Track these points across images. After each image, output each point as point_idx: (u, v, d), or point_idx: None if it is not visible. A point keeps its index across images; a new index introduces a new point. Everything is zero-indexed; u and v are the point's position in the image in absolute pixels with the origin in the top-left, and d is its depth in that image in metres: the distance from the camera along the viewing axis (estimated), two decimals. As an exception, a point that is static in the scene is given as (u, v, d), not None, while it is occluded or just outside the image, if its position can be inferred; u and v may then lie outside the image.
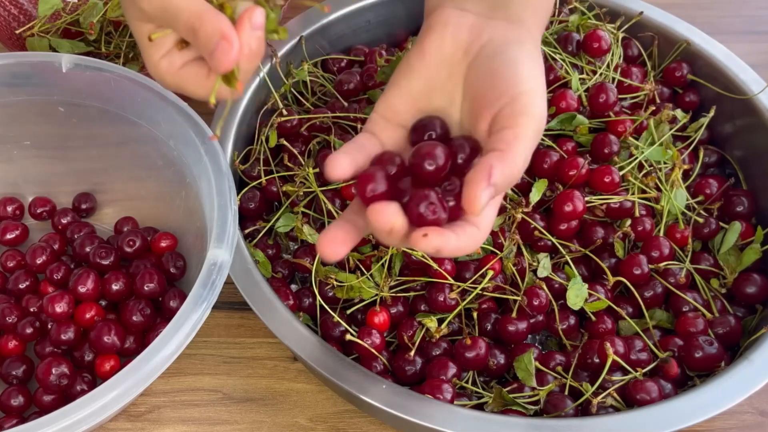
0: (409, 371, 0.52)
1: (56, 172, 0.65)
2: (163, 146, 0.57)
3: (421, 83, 0.44)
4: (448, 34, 0.44)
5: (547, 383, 0.52)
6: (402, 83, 0.44)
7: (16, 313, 0.56)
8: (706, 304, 0.56)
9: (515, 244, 0.55)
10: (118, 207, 0.65)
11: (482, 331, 0.55)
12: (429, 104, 0.44)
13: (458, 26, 0.44)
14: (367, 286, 0.54)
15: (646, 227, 0.58)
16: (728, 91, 0.65)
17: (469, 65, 0.43)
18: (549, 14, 0.49)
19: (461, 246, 0.38)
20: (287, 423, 0.55)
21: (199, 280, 0.48)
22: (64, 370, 0.51)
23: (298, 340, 0.49)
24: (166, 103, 0.56)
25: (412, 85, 0.44)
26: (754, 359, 0.50)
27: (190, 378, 0.57)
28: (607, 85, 0.62)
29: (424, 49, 0.44)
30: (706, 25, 0.70)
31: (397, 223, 0.37)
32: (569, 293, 0.54)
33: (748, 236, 0.59)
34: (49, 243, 0.61)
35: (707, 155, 0.65)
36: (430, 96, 0.44)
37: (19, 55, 0.57)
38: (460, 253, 0.38)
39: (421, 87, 0.44)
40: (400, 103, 0.44)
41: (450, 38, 0.44)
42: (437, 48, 0.44)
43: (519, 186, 0.60)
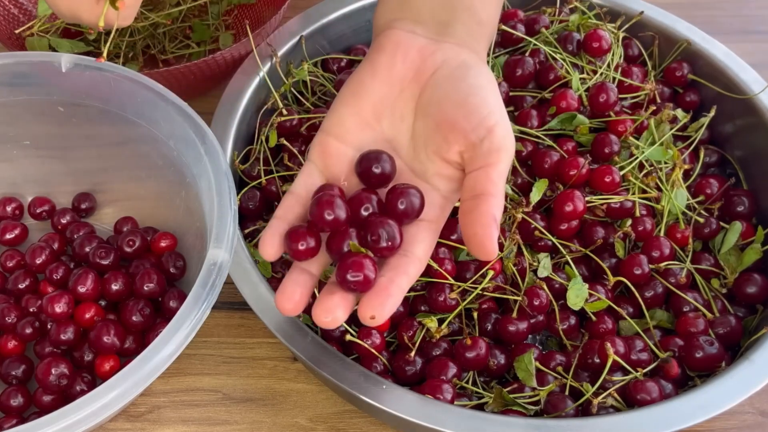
0: (409, 371, 0.52)
1: (56, 172, 0.65)
2: (163, 146, 0.57)
3: (371, 101, 0.44)
4: (399, 53, 0.44)
5: (547, 383, 0.52)
6: (352, 101, 0.45)
7: (16, 313, 0.56)
8: (707, 304, 0.56)
9: (515, 244, 0.55)
10: (117, 207, 0.65)
11: (482, 331, 0.55)
12: (378, 122, 0.44)
13: (409, 47, 0.44)
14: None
15: (646, 227, 0.58)
16: (729, 90, 0.65)
17: (424, 85, 0.44)
18: (491, 41, 0.50)
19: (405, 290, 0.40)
20: (287, 423, 0.55)
21: (199, 280, 0.48)
22: (64, 370, 0.51)
23: (298, 340, 0.49)
24: (166, 103, 0.56)
25: (362, 104, 0.44)
26: (754, 359, 0.50)
27: (190, 378, 0.57)
28: (608, 85, 0.62)
29: (375, 68, 0.45)
30: (707, 24, 0.70)
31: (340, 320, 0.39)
32: (569, 293, 0.54)
33: (748, 236, 0.59)
34: (49, 243, 0.61)
35: (708, 155, 0.65)
36: (379, 114, 0.44)
37: (19, 55, 0.57)
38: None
39: (372, 105, 0.44)
40: (350, 121, 0.44)
41: (401, 58, 0.44)
42: (388, 67, 0.44)
43: (519, 186, 0.60)
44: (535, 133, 0.61)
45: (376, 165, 0.42)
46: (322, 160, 0.44)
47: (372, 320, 0.38)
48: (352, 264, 0.38)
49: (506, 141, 0.41)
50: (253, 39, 0.65)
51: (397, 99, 0.44)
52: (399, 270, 0.40)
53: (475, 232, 0.38)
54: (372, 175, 0.42)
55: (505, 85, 0.64)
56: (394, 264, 0.40)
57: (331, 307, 0.39)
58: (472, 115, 0.41)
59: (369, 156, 0.42)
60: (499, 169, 0.40)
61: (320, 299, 0.39)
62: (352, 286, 0.38)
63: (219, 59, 0.66)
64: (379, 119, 0.44)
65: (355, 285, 0.38)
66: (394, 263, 0.40)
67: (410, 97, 0.44)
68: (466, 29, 0.46)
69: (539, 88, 0.66)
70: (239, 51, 0.67)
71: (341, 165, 0.44)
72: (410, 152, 0.44)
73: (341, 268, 0.39)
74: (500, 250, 0.55)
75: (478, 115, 0.41)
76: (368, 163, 0.42)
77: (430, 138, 0.43)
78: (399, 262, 0.40)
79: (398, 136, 0.44)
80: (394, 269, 0.40)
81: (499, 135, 0.40)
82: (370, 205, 0.41)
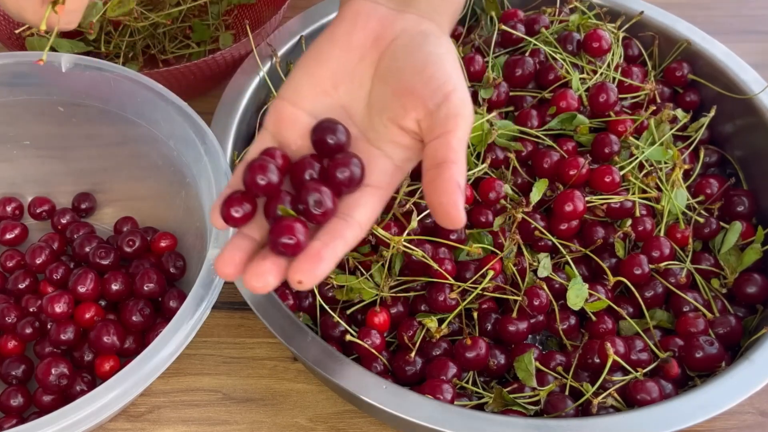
0: (409, 371, 0.52)
1: (56, 172, 0.65)
2: (163, 146, 0.57)
3: (329, 67, 0.44)
4: (359, 22, 0.45)
5: (547, 383, 0.52)
6: (309, 68, 0.45)
7: (16, 313, 0.56)
8: (707, 304, 0.56)
9: (515, 244, 0.55)
10: (117, 207, 0.65)
11: (482, 331, 0.55)
12: (335, 89, 0.44)
13: (369, 16, 0.45)
14: (367, 287, 0.54)
15: (646, 227, 0.58)
16: (729, 90, 0.65)
17: (383, 53, 0.44)
18: (456, 17, 0.50)
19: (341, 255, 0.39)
20: (287, 423, 0.55)
21: (199, 280, 0.48)
22: (64, 371, 0.51)
23: (298, 340, 0.49)
24: (166, 103, 0.56)
25: (319, 70, 0.44)
26: (754, 359, 0.50)
27: (190, 378, 0.57)
28: (608, 85, 0.62)
29: (334, 35, 0.45)
30: (707, 24, 0.70)
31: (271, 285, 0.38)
32: (569, 293, 0.54)
33: (748, 236, 0.59)
34: (49, 243, 0.61)
35: (708, 155, 0.65)
36: (337, 81, 0.44)
37: (19, 55, 0.57)
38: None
39: (330, 71, 0.44)
40: (306, 87, 0.44)
41: (361, 26, 0.44)
42: (347, 35, 0.44)
43: (519, 186, 0.60)
44: (535, 133, 0.61)
45: (331, 135, 0.42)
46: (276, 126, 0.44)
47: (299, 284, 0.37)
48: (282, 228, 0.38)
49: (464, 107, 0.41)
50: (253, 39, 0.65)
51: (355, 66, 0.44)
52: (335, 234, 0.39)
53: (440, 201, 0.38)
54: (326, 145, 0.42)
55: (505, 85, 0.64)
56: (330, 228, 0.40)
57: (262, 272, 0.38)
58: (429, 82, 0.41)
59: (323, 126, 0.42)
60: (457, 136, 0.40)
61: (251, 264, 0.39)
62: (281, 249, 0.38)
63: (219, 59, 0.66)
64: (336, 86, 0.44)
65: (284, 248, 0.38)
66: (331, 227, 0.40)
67: (369, 65, 0.44)
68: (429, 2, 0.46)
69: (539, 88, 0.66)
70: (239, 51, 0.67)
71: (294, 130, 0.44)
72: (365, 119, 0.44)
73: (272, 232, 0.38)
74: (500, 250, 0.56)
75: (435, 82, 0.41)
76: (322, 133, 0.42)
77: (387, 105, 0.43)
78: (336, 226, 0.40)
79: (354, 103, 0.44)
80: (330, 233, 0.39)
81: (456, 101, 0.40)
82: (312, 170, 0.41)
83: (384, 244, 0.53)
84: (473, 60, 0.65)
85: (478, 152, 0.60)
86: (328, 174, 0.41)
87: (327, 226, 0.40)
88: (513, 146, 0.61)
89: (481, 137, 0.59)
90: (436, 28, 0.45)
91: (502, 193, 0.57)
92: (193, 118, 0.55)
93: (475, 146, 0.60)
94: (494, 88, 0.63)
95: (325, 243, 0.39)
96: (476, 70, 0.65)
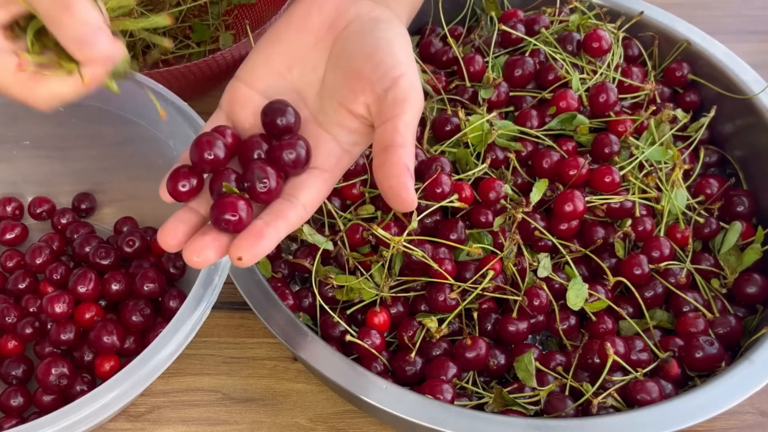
0: (409, 371, 0.52)
1: (56, 172, 0.65)
2: (163, 146, 0.57)
3: (285, 51, 0.45)
4: (315, 6, 0.45)
5: (547, 383, 0.52)
6: (266, 50, 0.45)
7: (16, 313, 0.56)
8: (707, 304, 0.56)
9: (515, 244, 0.55)
10: (117, 207, 0.65)
11: (482, 331, 0.55)
12: (289, 72, 0.45)
13: (325, 1, 0.45)
14: (367, 287, 0.54)
15: (646, 227, 0.58)
16: (729, 91, 0.65)
17: (336, 38, 0.44)
18: (416, 8, 0.50)
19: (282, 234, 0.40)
20: (287, 423, 0.55)
21: (199, 280, 0.48)
22: (64, 371, 0.51)
23: (298, 340, 0.49)
24: (166, 103, 0.56)
25: (275, 53, 0.45)
26: (754, 359, 0.50)
27: (190, 378, 0.57)
28: (608, 85, 0.62)
29: (291, 19, 0.45)
30: (707, 25, 0.70)
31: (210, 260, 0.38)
32: (569, 293, 0.54)
33: (748, 236, 0.59)
34: (49, 243, 0.61)
35: (708, 155, 0.65)
36: (292, 64, 0.45)
37: (18, 55, 0.57)
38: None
39: (285, 54, 0.45)
40: (261, 69, 0.45)
41: (316, 11, 0.45)
42: (303, 19, 0.45)
43: (519, 186, 0.60)
44: (535, 133, 0.61)
45: (280, 117, 0.42)
46: (230, 105, 0.45)
47: (239, 261, 0.38)
48: (225, 205, 0.38)
49: (412, 92, 0.41)
50: (253, 39, 0.65)
51: (310, 50, 0.45)
52: (278, 214, 0.40)
53: (390, 185, 0.39)
54: (275, 127, 0.42)
55: (505, 85, 0.64)
56: (274, 208, 0.40)
57: (202, 246, 0.38)
58: (378, 67, 0.41)
59: (273, 107, 0.43)
60: (404, 120, 0.40)
61: (192, 240, 0.39)
62: (223, 225, 0.38)
63: (219, 59, 0.66)
64: (290, 68, 0.45)
65: (227, 224, 0.38)
66: (274, 208, 0.40)
67: (323, 49, 0.45)
68: None
69: (539, 88, 0.66)
70: (239, 51, 0.67)
71: (247, 110, 0.44)
72: (317, 103, 0.44)
73: (215, 208, 0.39)
74: (500, 250, 0.56)
75: (384, 67, 0.41)
76: (273, 114, 0.42)
77: (338, 89, 0.43)
78: (281, 207, 0.40)
79: (307, 87, 0.45)
80: (274, 213, 0.40)
81: (404, 86, 0.41)
82: (260, 150, 0.41)
83: (384, 244, 0.53)
84: (473, 60, 0.65)
85: (478, 152, 0.60)
86: (275, 155, 0.41)
87: (271, 206, 0.40)
88: (513, 146, 0.61)
89: (481, 137, 0.59)
90: (390, 14, 0.45)
91: (502, 193, 0.57)
92: (193, 118, 0.55)
93: (475, 146, 0.60)
94: (494, 88, 0.63)
95: (268, 222, 0.39)
96: (476, 70, 0.65)
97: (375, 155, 0.40)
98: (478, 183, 0.58)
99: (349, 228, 0.56)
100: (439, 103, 0.64)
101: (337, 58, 0.44)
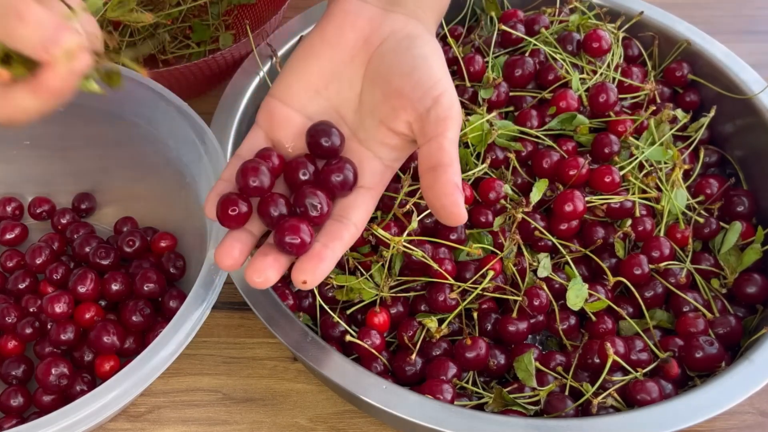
0: (409, 371, 0.52)
1: (56, 172, 0.65)
2: (163, 146, 0.57)
3: (320, 67, 0.45)
4: (348, 22, 0.45)
5: (547, 383, 0.52)
6: (301, 66, 0.45)
7: (16, 313, 0.56)
8: (707, 304, 0.56)
9: (515, 244, 0.55)
10: (117, 207, 0.65)
11: (482, 331, 0.55)
12: (326, 88, 0.45)
13: (358, 16, 0.45)
14: (367, 287, 0.54)
15: (646, 227, 0.58)
16: (729, 91, 0.65)
17: (372, 55, 0.44)
18: (442, 13, 0.51)
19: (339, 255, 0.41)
20: (287, 423, 0.55)
21: (199, 280, 0.48)
22: (64, 371, 0.51)
23: (298, 340, 0.49)
24: (166, 103, 0.56)
25: (310, 69, 0.45)
26: (754, 359, 0.50)
27: (189, 378, 0.57)
28: (608, 85, 0.62)
29: (325, 35, 0.45)
30: (706, 25, 0.70)
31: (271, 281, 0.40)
32: (569, 293, 0.54)
33: (748, 236, 0.59)
34: (49, 243, 0.61)
35: (708, 155, 0.65)
36: (328, 81, 0.45)
37: (18, 55, 0.57)
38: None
39: (321, 71, 0.45)
40: (297, 86, 0.45)
41: (350, 26, 0.45)
42: (338, 35, 0.45)
43: (519, 186, 0.60)
44: (535, 133, 0.61)
45: (326, 138, 0.43)
46: (268, 123, 0.45)
47: (304, 284, 0.39)
48: (289, 228, 0.39)
49: (453, 109, 0.42)
50: (253, 39, 0.65)
51: (346, 66, 0.45)
52: (334, 236, 0.41)
53: (442, 204, 0.40)
54: (321, 148, 0.43)
55: (505, 85, 0.64)
56: (329, 230, 0.42)
57: (263, 267, 0.40)
58: (418, 86, 0.42)
59: (318, 129, 0.43)
60: (449, 138, 0.41)
61: (253, 260, 0.40)
62: (287, 248, 0.39)
63: (219, 59, 0.66)
64: (326, 85, 0.45)
65: (290, 248, 0.39)
66: (328, 229, 0.42)
67: (359, 66, 0.45)
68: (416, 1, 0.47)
69: (539, 88, 0.66)
70: (239, 51, 0.67)
71: (287, 129, 0.45)
72: (356, 120, 0.45)
73: (279, 231, 0.40)
74: (500, 250, 0.55)
75: (424, 86, 0.42)
76: (317, 135, 0.43)
77: (378, 107, 0.44)
78: (334, 228, 0.42)
79: (345, 104, 0.45)
80: (329, 234, 0.41)
81: (446, 104, 0.42)
82: (306, 170, 0.43)
83: (384, 244, 0.53)
84: (473, 60, 0.65)
85: (478, 152, 0.60)
86: (324, 178, 0.42)
87: (325, 228, 0.42)
88: (513, 146, 0.61)
89: (481, 137, 0.59)
90: (423, 29, 0.45)
91: (502, 193, 0.57)
92: (193, 118, 0.55)
93: (475, 146, 0.60)
94: (494, 88, 0.63)
95: (325, 244, 0.40)
96: (476, 70, 0.65)
97: (422, 175, 0.41)
98: (478, 183, 0.58)
99: (349, 228, 0.56)
100: (439, 103, 0.64)
101: (374, 75, 0.44)
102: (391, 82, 0.43)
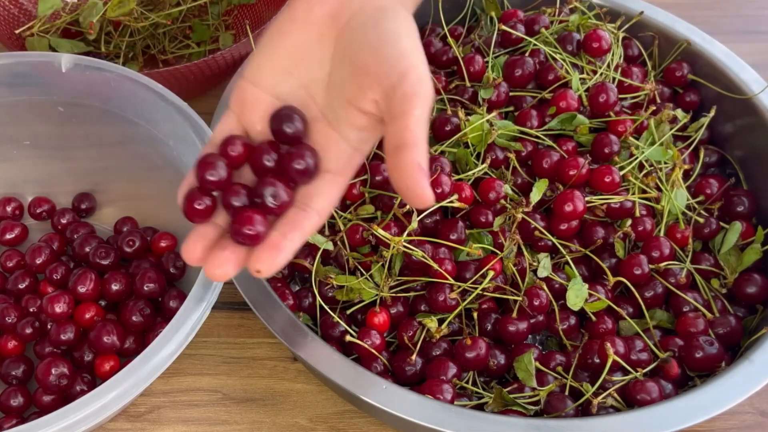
0: (409, 371, 0.52)
1: (56, 172, 0.65)
2: (163, 146, 0.57)
3: (290, 47, 0.44)
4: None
5: (547, 383, 0.52)
6: (270, 46, 0.44)
7: (16, 313, 0.56)
8: (707, 304, 0.56)
9: (515, 244, 0.55)
10: (117, 207, 0.65)
11: (482, 331, 0.55)
12: (296, 68, 0.44)
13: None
14: (367, 287, 0.54)
15: (646, 227, 0.58)
16: (729, 91, 0.65)
17: (340, 31, 0.43)
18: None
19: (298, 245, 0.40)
20: (287, 423, 0.55)
21: (199, 280, 0.48)
22: (64, 371, 0.51)
23: (298, 340, 0.49)
24: (166, 103, 0.56)
25: (280, 49, 0.44)
26: (754, 359, 0.50)
27: (190, 378, 0.57)
28: (608, 85, 0.62)
29: (293, 13, 0.44)
30: (707, 25, 0.70)
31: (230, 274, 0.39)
32: (569, 293, 0.54)
33: (748, 236, 0.59)
34: (49, 243, 0.61)
35: (708, 155, 0.65)
36: (298, 60, 0.44)
37: (19, 55, 0.57)
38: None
39: (290, 51, 0.44)
40: (267, 66, 0.44)
41: (319, 3, 0.43)
42: (306, 11, 0.44)
43: (519, 186, 0.60)
44: (535, 133, 0.61)
45: (288, 124, 0.42)
46: (239, 106, 0.44)
47: (258, 273, 0.39)
48: (243, 219, 0.39)
49: (421, 86, 0.39)
50: (253, 39, 0.65)
51: (315, 45, 0.44)
52: (294, 225, 0.40)
53: (406, 185, 0.38)
54: (283, 134, 0.42)
55: (505, 85, 0.64)
56: (290, 218, 0.41)
57: (222, 262, 0.39)
58: (385, 62, 0.40)
59: (281, 114, 0.42)
60: (415, 115, 0.38)
61: (212, 255, 0.40)
62: (241, 240, 0.39)
63: (219, 59, 0.66)
64: (297, 65, 0.44)
65: (244, 239, 0.39)
66: (289, 218, 0.41)
67: (328, 44, 0.43)
68: None
69: (539, 88, 0.66)
70: (239, 51, 0.67)
71: (257, 111, 0.44)
72: (326, 100, 0.43)
73: (233, 222, 0.40)
74: (500, 250, 0.56)
75: (391, 61, 0.40)
76: (280, 122, 0.42)
77: (346, 86, 0.42)
78: (295, 216, 0.41)
79: (315, 83, 0.44)
80: (290, 224, 0.40)
81: (413, 80, 0.39)
82: (269, 157, 0.42)
83: (384, 244, 0.53)
84: (473, 60, 0.65)
85: (478, 152, 0.60)
86: (283, 166, 0.41)
87: (286, 216, 0.41)
88: (513, 146, 0.61)
89: (481, 137, 0.59)
90: (395, 2, 0.43)
91: (502, 193, 0.57)
92: (193, 118, 0.55)
93: (475, 146, 0.60)
94: (494, 88, 0.63)
95: (284, 234, 0.40)
96: (476, 70, 0.65)
97: (387, 155, 0.39)
98: (478, 183, 0.58)
99: (349, 228, 0.56)
100: (439, 103, 0.64)
101: (343, 52, 0.43)
102: (358, 58, 0.41)
